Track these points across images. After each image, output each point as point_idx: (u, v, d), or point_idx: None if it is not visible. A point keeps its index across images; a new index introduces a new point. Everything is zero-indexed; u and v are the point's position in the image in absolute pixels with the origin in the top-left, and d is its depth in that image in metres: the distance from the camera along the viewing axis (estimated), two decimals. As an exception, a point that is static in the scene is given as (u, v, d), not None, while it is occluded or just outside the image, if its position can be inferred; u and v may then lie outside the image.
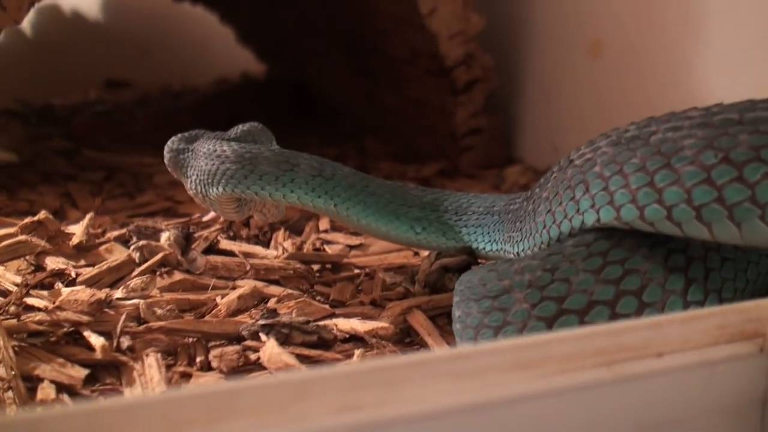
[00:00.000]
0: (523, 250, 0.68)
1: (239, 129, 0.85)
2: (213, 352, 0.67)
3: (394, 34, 1.40)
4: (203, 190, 0.79)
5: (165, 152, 0.85)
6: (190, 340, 0.69)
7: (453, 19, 1.29)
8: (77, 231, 0.91)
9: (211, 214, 1.01)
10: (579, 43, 1.27)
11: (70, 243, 0.89)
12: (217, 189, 0.77)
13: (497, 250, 0.76)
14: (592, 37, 1.24)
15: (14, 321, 0.67)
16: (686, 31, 1.07)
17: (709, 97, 1.04)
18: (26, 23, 2.04)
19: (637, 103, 1.17)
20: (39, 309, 0.70)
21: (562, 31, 1.31)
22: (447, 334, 0.70)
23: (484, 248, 0.78)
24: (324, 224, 1.01)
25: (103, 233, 0.94)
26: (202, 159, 0.79)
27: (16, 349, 0.64)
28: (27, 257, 0.85)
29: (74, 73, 2.13)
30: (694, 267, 0.57)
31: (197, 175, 0.80)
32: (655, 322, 0.45)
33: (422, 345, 0.70)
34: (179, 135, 0.85)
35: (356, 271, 0.87)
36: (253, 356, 0.67)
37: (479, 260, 0.81)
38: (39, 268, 0.84)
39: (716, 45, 1.03)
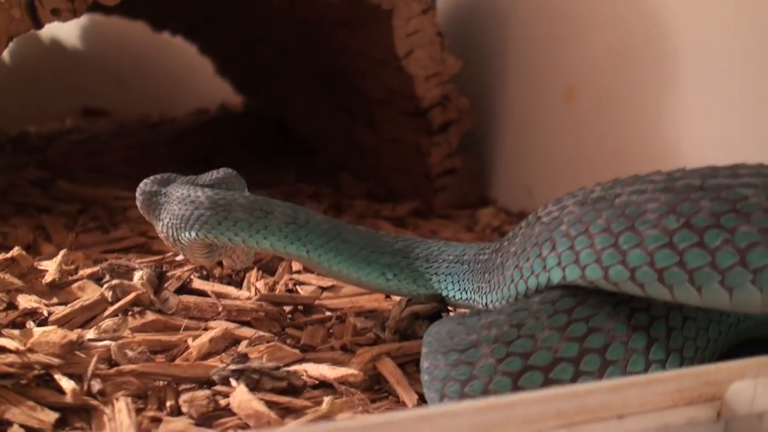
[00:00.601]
0: (491, 301, 0.70)
1: (213, 175, 0.86)
2: (183, 397, 0.67)
3: (372, 74, 1.42)
4: (175, 234, 0.80)
5: (137, 194, 0.86)
6: (161, 383, 0.70)
7: (429, 61, 1.31)
8: (50, 268, 0.92)
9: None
10: (554, 88, 1.29)
11: (43, 281, 0.89)
12: (190, 234, 0.78)
13: (467, 299, 0.78)
14: (566, 82, 1.26)
15: (-15, 363, 0.67)
16: (659, 79, 1.09)
17: (681, 145, 1.06)
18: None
19: (610, 148, 1.20)
20: (10, 351, 0.70)
21: (537, 76, 1.33)
22: (416, 382, 0.71)
23: (454, 296, 0.80)
24: (297, 265, 1.02)
25: (76, 270, 0.95)
26: (175, 204, 0.80)
27: (-14, 391, 0.65)
28: (0, 294, 0.85)
29: (51, 100, 2.13)
30: (656, 326, 0.58)
31: (170, 219, 0.81)
32: (615, 385, 0.47)
33: (391, 393, 0.71)
34: (152, 177, 0.86)
35: (328, 313, 0.88)
36: (223, 401, 0.67)
37: (449, 307, 0.82)
38: (11, 306, 0.84)
39: (688, 94, 1.05)
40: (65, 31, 2.20)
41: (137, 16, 1.97)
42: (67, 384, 0.66)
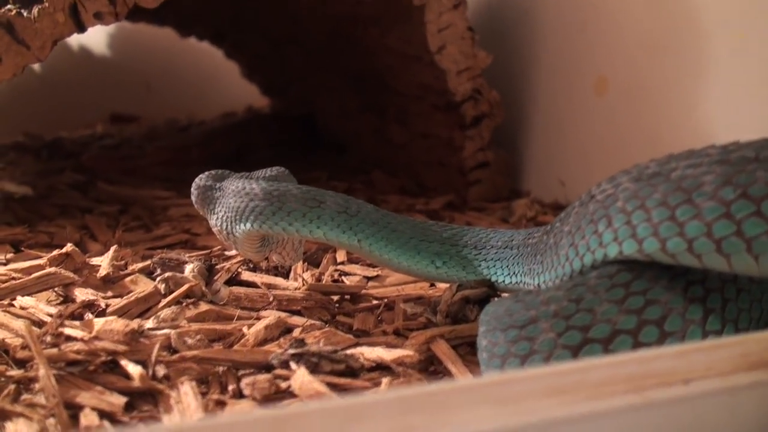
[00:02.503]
0: (544, 281, 0.71)
1: (266, 173, 0.88)
2: (245, 380, 0.69)
3: (403, 70, 1.43)
4: (229, 227, 0.82)
5: (193, 189, 0.88)
6: (221, 369, 0.71)
7: (461, 55, 1.33)
8: (103, 263, 0.94)
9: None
10: (584, 79, 1.30)
11: (97, 275, 0.91)
12: (245, 226, 0.80)
13: (516, 282, 0.79)
14: (597, 74, 1.28)
15: (54, 350, 0.69)
16: (691, 68, 1.10)
17: (712, 134, 1.07)
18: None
19: (641, 139, 1.21)
20: (76, 339, 0.72)
21: (567, 68, 1.34)
22: (470, 364, 0.72)
23: (503, 281, 0.81)
24: (341, 256, 1.03)
25: (126, 265, 0.97)
26: (231, 196, 0.82)
27: (56, 377, 0.66)
28: (56, 289, 0.87)
29: (81, 107, 2.17)
30: (711, 298, 0.59)
31: (225, 212, 0.82)
32: (682, 351, 0.48)
33: (446, 373, 0.72)
34: (207, 173, 0.88)
35: (375, 302, 0.90)
36: (283, 384, 0.69)
37: (498, 293, 0.84)
38: (68, 299, 0.86)
39: (720, 82, 1.06)
40: (93, 38, 2.23)
41: (165, 23, 2.00)
42: (133, 369, 0.68)
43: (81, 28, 1.11)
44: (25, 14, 1.08)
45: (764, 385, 0.49)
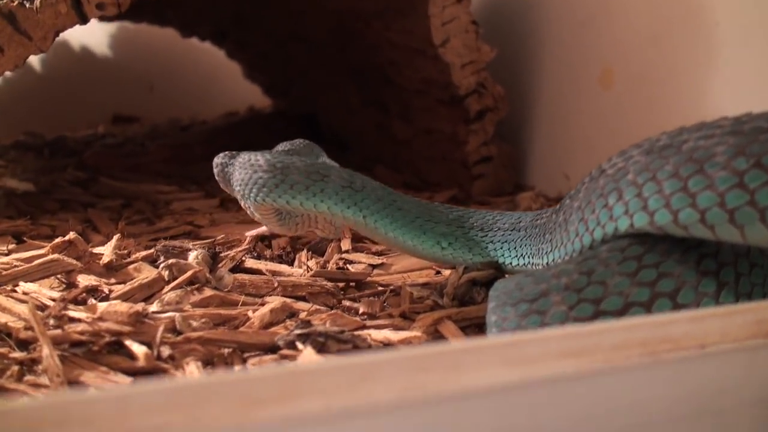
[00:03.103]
0: (553, 259, 0.70)
1: (286, 145, 0.87)
2: (251, 361, 0.68)
3: (406, 64, 1.43)
4: (242, 201, 0.82)
5: (213, 167, 0.87)
6: (227, 350, 0.71)
7: (465, 49, 1.32)
8: (106, 251, 0.93)
9: (235, 235, 1.03)
10: (589, 72, 1.30)
11: (100, 262, 0.90)
12: (251, 198, 0.79)
13: (524, 263, 0.78)
14: (601, 66, 1.27)
15: (58, 331, 0.69)
16: (695, 58, 1.10)
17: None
18: (36, 58, 2.06)
19: (647, 130, 1.19)
20: (80, 321, 0.71)
21: (571, 61, 1.34)
22: (478, 344, 0.72)
23: (510, 263, 0.80)
24: (346, 245, 1.03)
25: (129, 254, 0.96)
26: (238, 169, 0.81)
27: (60, 358, 0.66)
28: (59, 276, 0.87)
29: (83, 108, 2.16)
30: (725, 271, 0.59)
31: (236, 186, 0.82)
32: (698, 316, 0.47)
33: (454, 354, 0.71)
34: (225, 152, 0.88)
35: (380, 288, 0.89)
36: (290, 365, 0.68)
37: (506, 275, 0.83)
38: (71, 285, 0.85)
39: (726, 72, 1.06)
40: (95, 39, 2.23)
41: (167, 23, 1.99)
42: (138, 349, 0.67)
43: (83, 20, 1.10)
44: (27, 5, 1.07)
45: (780, 351, 0.48)
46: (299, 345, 0.69)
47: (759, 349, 0.48)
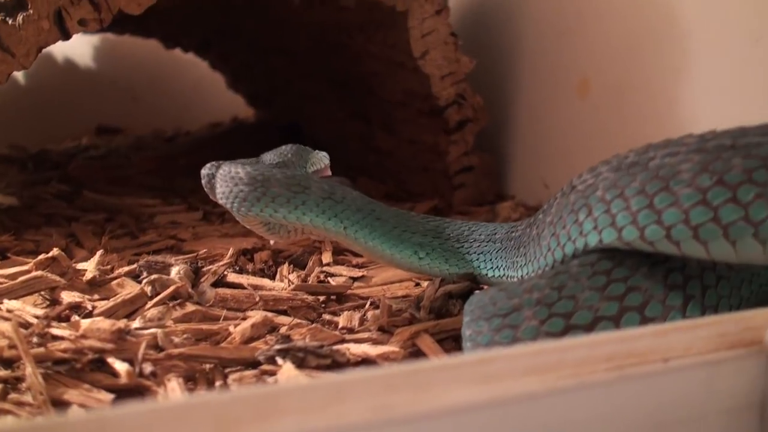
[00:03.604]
0: (527, 273, 0.72)
1: (276, 153, 0.88)
2: (231, 377, 0.70)
3: (388, 76, 1.44)
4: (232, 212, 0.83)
5: (201, 178, 0.88)
6: (208, 366, 0.72)
7: (444, 60, 1.34)
8: (89, 267, 0.94)
9: (218, 249, 1.04)
10: (566, 82, 1.32)
11: (83, 278, 0.91)
12: (235, 211, 0.80)
13: (500, 276, 0.80)
14: (579, 76, 1.29)
15: (41, 349, 0.70)
16: (671, 68, 1.12)
17: (695, 132, 1.08)
18: (20, 71, 2.06)
19: (624, 139, 1.22)
20: (63, 338, 0.72)
21: (550, 71, 1.36)
22: (455, 357, 0.73)
23: (486, 274, 0.82)
24: (327, 258, 1.04)
25: (112, 270, 0.97)
26: (219, 181, 0.82)
27: (43, 376, 0.67)
28: (42, 292, 0.88)
29: (66, 120, 2.16)
30: (691, 285, 0.60)
31: (221, 199, 0.83)
32: (661, 330, 0.49)
33: (431, 367, 0.73)
34: (212, 162, 0.88)
35: (360, 301, 0.90)
36: (270, 380, 0.69)
37: (482, 286, 0.84)
38: (54, 302, 0.86)
39: (699, 79, 1.08)
40: (78, 51, 2.23)
41: (150, 34, 2.00)
42: (120, 366, 0.68)
43: (66, 36, 1.11)
44: (9, 21, 1.08)
45: (741, 363, 0.49)
46: (279, 360, 0.71)
47: (722, 363, 0.49)
